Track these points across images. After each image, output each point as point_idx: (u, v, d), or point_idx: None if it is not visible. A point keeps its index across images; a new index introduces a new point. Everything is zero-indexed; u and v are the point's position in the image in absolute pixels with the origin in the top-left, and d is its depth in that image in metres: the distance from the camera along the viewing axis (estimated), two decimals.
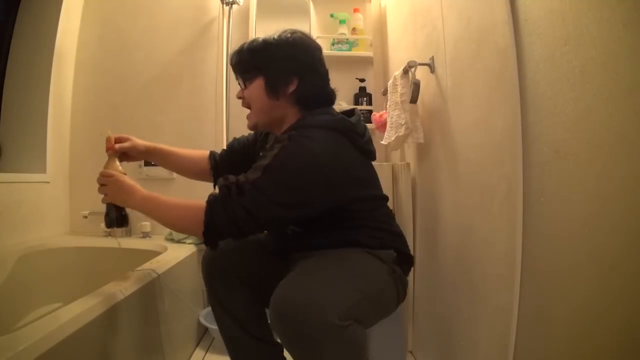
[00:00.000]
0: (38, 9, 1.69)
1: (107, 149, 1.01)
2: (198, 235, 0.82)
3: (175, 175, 1.76)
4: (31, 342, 0.63)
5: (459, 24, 1.02)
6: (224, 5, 1.86)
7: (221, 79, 1.85)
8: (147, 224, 1.73)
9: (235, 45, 1.85)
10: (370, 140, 0.96)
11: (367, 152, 0.95)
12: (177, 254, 1.39)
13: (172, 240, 1.64)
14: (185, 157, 1.16)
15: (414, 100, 1.21)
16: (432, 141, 1.24)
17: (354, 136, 0.90)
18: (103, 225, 1.02)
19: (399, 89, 1.29)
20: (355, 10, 1.91)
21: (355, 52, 1.89)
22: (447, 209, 1.13)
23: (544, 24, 0.69)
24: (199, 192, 1.02)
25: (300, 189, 0.82)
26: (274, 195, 0.80)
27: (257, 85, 0.93)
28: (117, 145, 1.03)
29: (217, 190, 0.84)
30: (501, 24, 0.80)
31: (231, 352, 1.07)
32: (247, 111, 0.99)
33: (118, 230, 1.69)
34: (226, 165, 1.14)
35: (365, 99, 1.90)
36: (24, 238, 1.50)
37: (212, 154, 1.17)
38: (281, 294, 0.75)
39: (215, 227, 0.80)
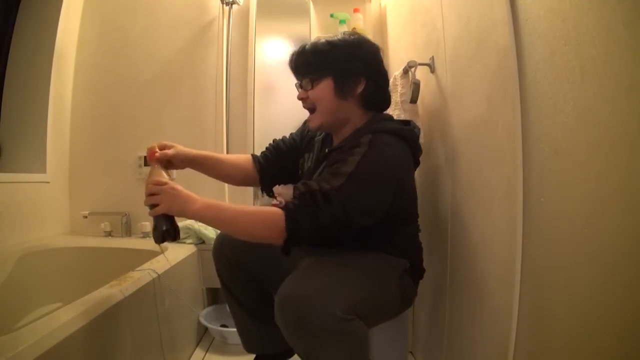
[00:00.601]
0: (38, 9, 1.69)
1: (150, 158, 0.94)
2: (275, 242, 0.78)
3: (175, 175, 1.75)
4: (31, 342, 0.63)
5: (459, 23, 1.02)
6: (224, 5, 1.86)
7: (221, 79, 1.85)
8: (147, 224, 1.71)
9: (235, 45, 1.89)
10: None
11: (418, 165, 0.97)
12: (177, 254, 1.39)
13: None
14: (231, 163, 1.11)
15: (414, 100, 1.21)
16: (432, 141, 1.23)
17: (415, 147, 0.92)
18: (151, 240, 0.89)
19: (399, 89, 1.28)
20: (355, 10, 1.90)
21: None
22: (446, 208, 1.13)
23: (544, 24, 0.69)
24: (199, 193, 1.02)
25: (382, 197, 0.82)
26: (361, 203, 0.79)
27: (326, 86, 0.92)
28: (160, 152, 0.95)
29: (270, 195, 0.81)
30: (501, 23, 0.80)
31: (238, 330, 1.13)
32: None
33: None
34: (273, 167, 1.11)
35: None
36: (24, 238, 1.50)
37: (255, 157, 1.13)
38: (287, 288, 0.76)
39: (299, 235, 0.77)
